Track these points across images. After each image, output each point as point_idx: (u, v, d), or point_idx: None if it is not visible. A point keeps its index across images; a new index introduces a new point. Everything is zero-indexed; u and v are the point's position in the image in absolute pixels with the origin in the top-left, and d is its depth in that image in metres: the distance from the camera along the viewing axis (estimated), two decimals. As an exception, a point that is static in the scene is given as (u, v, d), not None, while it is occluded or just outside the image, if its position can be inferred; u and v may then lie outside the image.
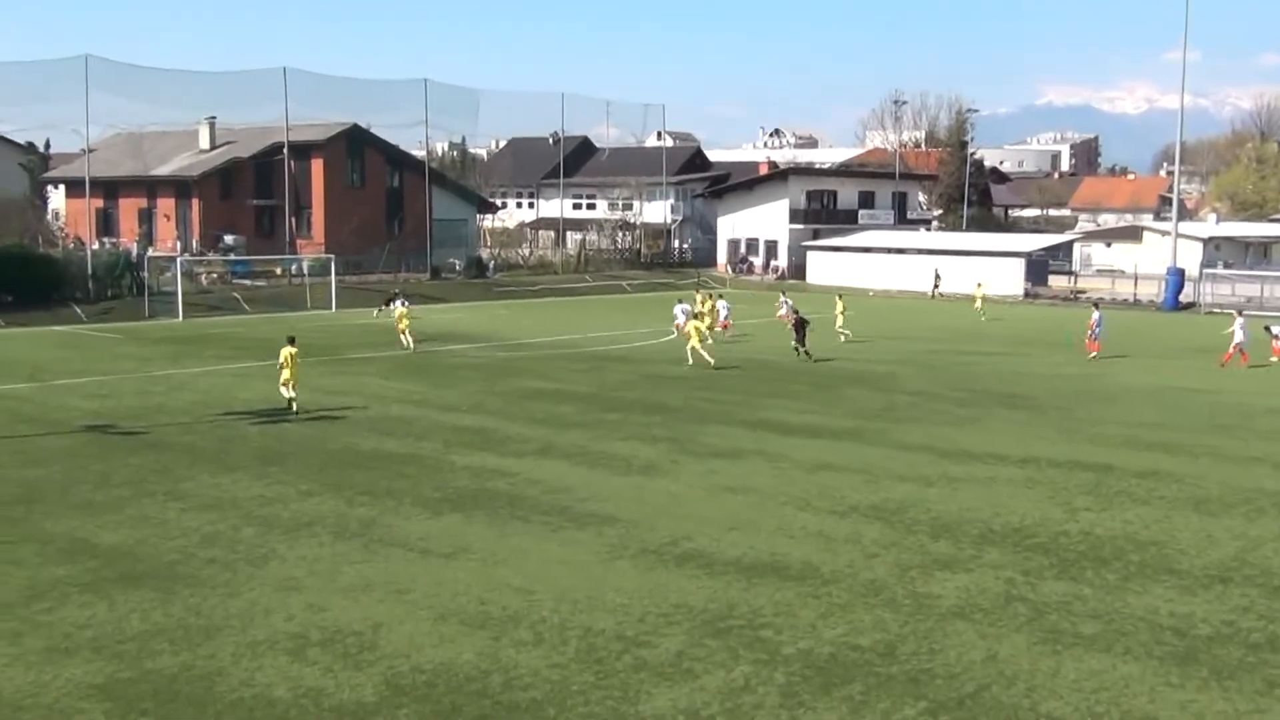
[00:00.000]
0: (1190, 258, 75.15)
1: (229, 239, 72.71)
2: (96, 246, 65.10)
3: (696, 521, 18.84)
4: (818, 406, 30.43)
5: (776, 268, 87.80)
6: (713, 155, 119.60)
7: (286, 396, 29.02)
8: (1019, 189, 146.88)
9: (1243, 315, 42.01)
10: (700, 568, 16.38)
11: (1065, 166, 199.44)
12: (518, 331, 49.48)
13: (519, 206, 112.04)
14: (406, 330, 43.04)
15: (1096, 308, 44.95)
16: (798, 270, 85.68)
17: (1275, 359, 39.97)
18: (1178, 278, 68.13)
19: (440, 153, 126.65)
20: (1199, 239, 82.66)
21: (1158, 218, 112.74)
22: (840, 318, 47.14)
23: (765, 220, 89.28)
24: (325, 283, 61.36)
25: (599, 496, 20.47)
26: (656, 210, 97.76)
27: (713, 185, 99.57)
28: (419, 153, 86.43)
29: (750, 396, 31.98)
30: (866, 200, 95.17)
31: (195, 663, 12.94)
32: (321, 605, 14.75)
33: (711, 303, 49.08)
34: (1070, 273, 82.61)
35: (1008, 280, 75.04)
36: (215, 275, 66.27)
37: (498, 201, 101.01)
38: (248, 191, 76.97)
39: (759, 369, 37.96)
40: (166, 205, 77.41)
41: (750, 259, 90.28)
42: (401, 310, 45.35)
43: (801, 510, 19.67)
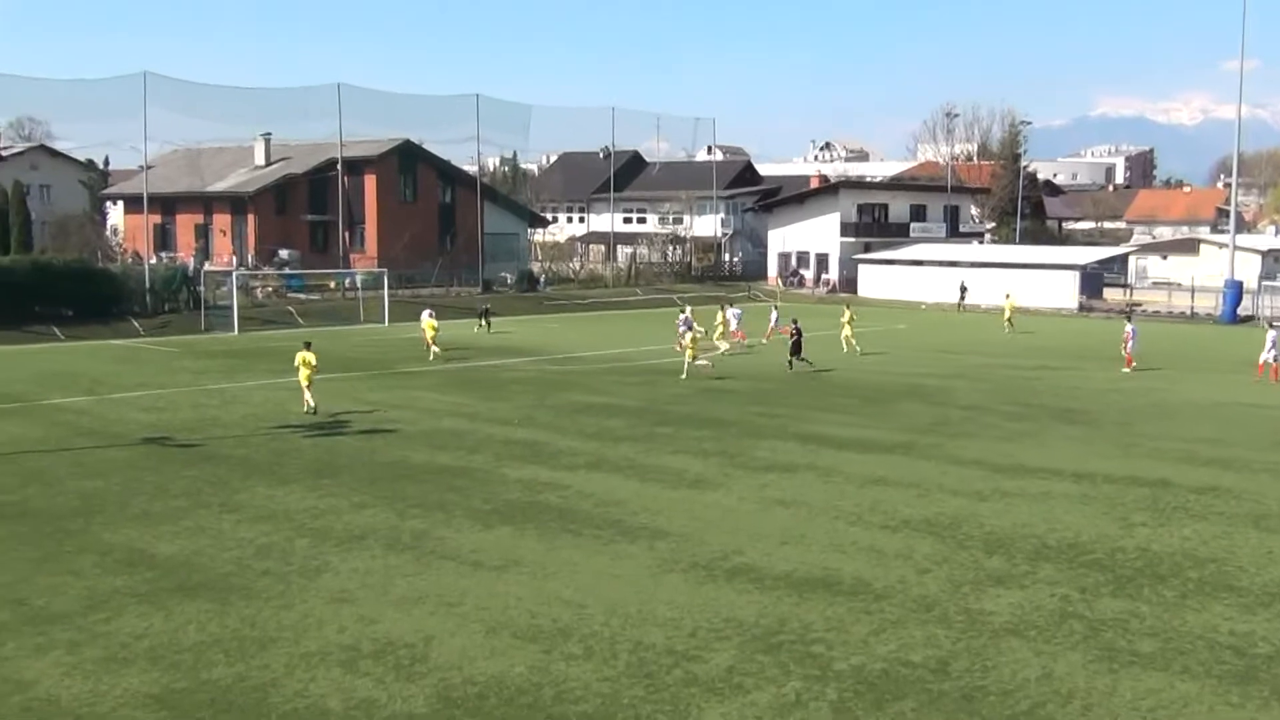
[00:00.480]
0: (1248, 270, 74.15)
1: (284, 253, 73.51)
2: (154, 261, 66.11)
3: (748, 535, 18.77)
4: (870, 420, 30.25)
5: (828, 281, 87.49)
6: (763, 169, 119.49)
7: (307, 401, 30.45)
8: (1073, 202, 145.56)
9: (1274, 328, 41.23)
10: (751, 582, 16.32)
11: (1120, 179, 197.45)
12: (569, 345, 49.61)
13: (570, 221, 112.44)
14: (433, 340, 44.23)
15: (1129, 320, 44.55)
16: (849, 283, 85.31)
17: None
18: (1235, 290, 67.20)
19: (492, 168, 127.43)
20: (1257, 251, 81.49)
21: (1215, 230, 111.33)
22: (847, 327, 46.74)
23: (816, 233, 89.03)
24: (378, 297, 61.78)
25: (650, 510, 20.45)
26: (707, 224, 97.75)
27: (763, 199, 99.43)
28: (471, 168, 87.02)
29: (802, 410, 31.86)
30: (918, 213, 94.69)
31: (249, 674, 13.05)
32: (374, 617, 14.83)
33: (722, 314, 49.79)
34: (1126, 286, 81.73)
35: (1062, 293, 74.34)
36: (270, 289, 67.00)
37: (549, 216, 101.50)
38: (302, 207, 77.81)
39: (810, 383, 37.80)
40: (223, 220, 78.42)
41: (801, 272, 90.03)
42: (429, 321, 46.04)
43: (853, 525, 19.55)
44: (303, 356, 30.91)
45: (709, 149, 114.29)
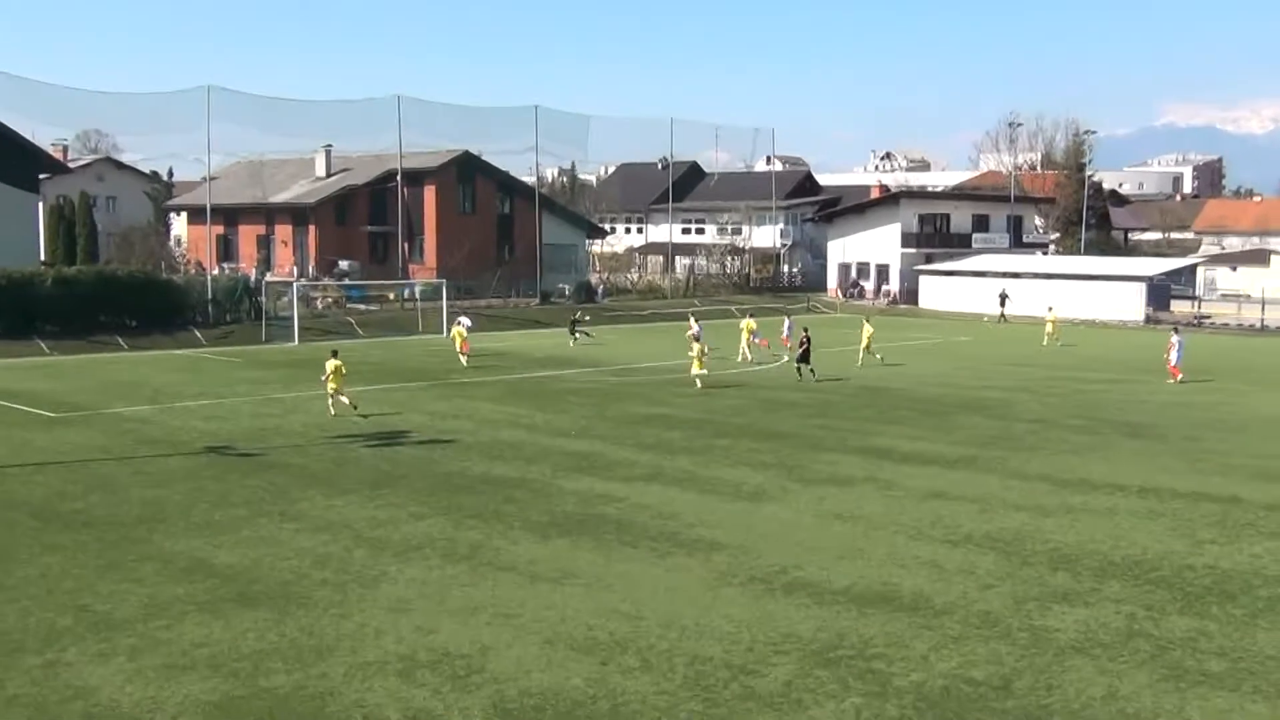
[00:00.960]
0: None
1: (344, 264, 74.24)
2: (216, 272, 66.95)
3: (806, 549, 18.67)
4: (931, 433, 30.02)
5: (888, 292, 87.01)
6: (823, 179, 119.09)
7: (333, 406, 32.04)
8: (1139, 212, 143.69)
9: None
10: (810, 596, 16.22)
11: (1188, 189, 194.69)
12: (626, 356, 49.67)
13: (628, 231, 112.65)
14: (461, 349, 45.24)
15: (1176, 332, 43.98)
16: (910, 295, 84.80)
17: None
18: (1308, 302, 66.03)
19: (550, 178, 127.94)
20: (1331, 262, 80.00)
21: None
22: (865, 339, 46.27)
23: (877, 244, 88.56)
24: (437, 307, 62.17)
25: (707, 522, 20.40)
26: (766, 235, 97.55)
27: (823, 209, 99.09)
28: (529, 179, 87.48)
29: (862, 423, 31.67)
30: (980, 224, 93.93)
31: (308, 682, 13.15)
32: (431, 627, 14.90)
33: (749, 321, 50.09)
34: (1193, 298, 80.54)
35: (1128, 306, 73.43)
36: (330, 300, 67.68)
37: (607, 226, 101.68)
38: (362, 218, 78.56)
39: (871, 395, 37.59)
40: (284, 232, 79.39)
41: (861, 283, 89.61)
42: (459, 330, 46.80)
43: (914, 539, 19.39)
44: (333, 364, 32.44)
45: (768, 159, 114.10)
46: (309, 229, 77.66)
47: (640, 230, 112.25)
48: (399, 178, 73.82)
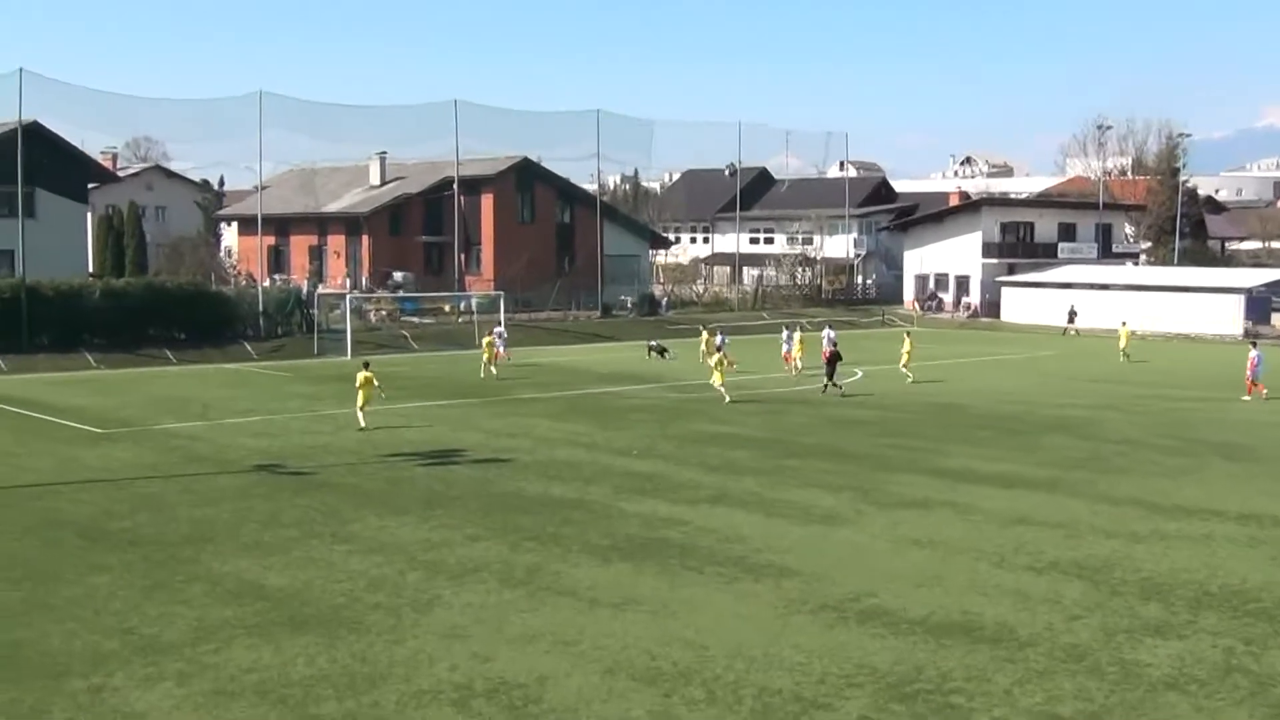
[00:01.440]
0: None
1: (398, 276, 74.88)
2: (267, 283, 67.77)
3: (881, 576, 18.55)
4: (1012, 454, 29.73)
5: (968, 304, 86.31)
6: (899, 186, 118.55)
7: (361, 421, 32.82)
8: (1237, 219, 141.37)
9: None
10: (885, 626, 16.10)
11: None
12: (690, 372, 49.61)
13: (693, 241, 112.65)
14: (490, 360, 46.17)
15: (1254, 346, 43.33)
16: (991, 308, 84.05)
17: None
18: None
19: (612, 186, 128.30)
20: None
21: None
22: (905, 355, 45.86)
23: (956, 254, 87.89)
24: (494, 320, 62.44)
25: (776, 547, 20.32)
26: (838, 244, 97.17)
27: (899, 217, 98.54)
28: (591, 186, 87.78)
29: (939, 443, 31.43)
30: (1067, 233, 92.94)
31: (359, 711, 13.24)
32: (487, 655, 14.95)
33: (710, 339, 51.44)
34: (1296, 310, 79.03)
35: (1224, 319, 72.27)
36: (384, 312, 68.28)
37: (671, 236, 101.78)
38: (417, 227, 79.23)
39: (947, 414, 37.30)
40: (337, 242, 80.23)
41: (940, 296, 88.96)
42: (489, 339, 47.52)
43: (995, 566, 19.20)
44: (363, 376, 33.48)
45: (841, 165, 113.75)
46: (362, 239, 78.43)
47: (706, 240, 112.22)
48: (455, 185, 74.29)
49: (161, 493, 24.85)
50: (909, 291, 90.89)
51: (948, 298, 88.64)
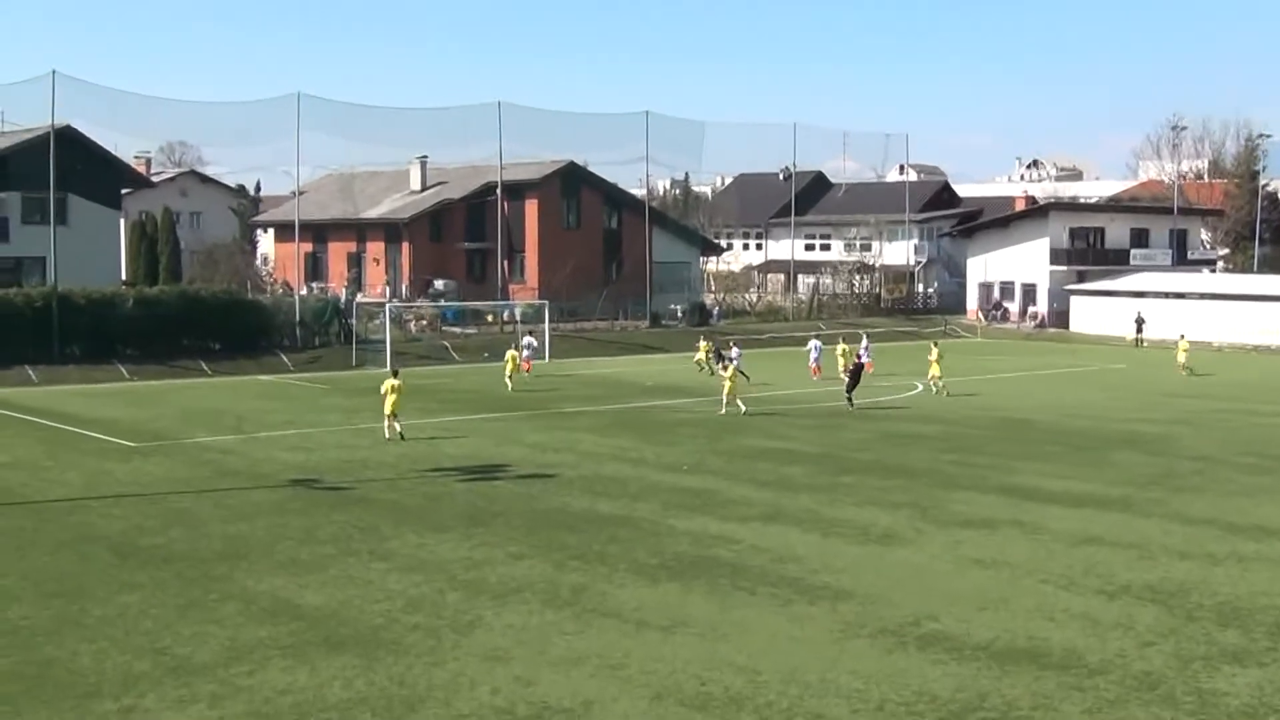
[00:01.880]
0: None
1: (439, 284, 75.25)
2: (305, 292, 68.28)
3: (942, 598, 18.44)
4: (1081, 471, 29.49)
5: (1035, 314, 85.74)
6: (962, 190, 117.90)
7: (388, 429, 33.63)
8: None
9: None
10: (946, 651, 16.01)
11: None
12: (743, 384, 49.47)
13: (745, 248, 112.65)
14: (511, 373, 46.61)
15: None
16: (1059, 317, 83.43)
17: None
18: None
19: (661, 190, 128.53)
20: None
21: None
22: (935, 366, 45.50)
23: (1022, 261, 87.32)
24: (539, 330, 62.65)
25: (832, 568, 20.25)
26: (898, 251, 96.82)
27: (962, 223, 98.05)
28: (639, 191, 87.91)
29: (1003, 459, 31.23)
30: (1139, 239, 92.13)
31: (397, 735, 13.28)
32: (530, 678, 14.98)
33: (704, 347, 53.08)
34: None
35: (1307, 329, 71.37)
36: (424, 322, 68.62)
37: (723, 242, 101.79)
38: (459, 234, 79.66)
39: (1012, 428, 37.07)
40: (376, 249, 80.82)
41: (1005, 305, 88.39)
42: (513, 353, 47.95)
43: (1063, 589, 19.04)
44: (390, 384, 34.06)
45: (901, 168, 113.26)
46: (402, 246, 78.95)
47: (759, 246, 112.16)
48: (499, 190, 74.65)
49: (194, 508, 25.09)
50: (972, 300, 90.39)
51: (1013, 307, 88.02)
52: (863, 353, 51.39)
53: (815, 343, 53.58)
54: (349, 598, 18.46)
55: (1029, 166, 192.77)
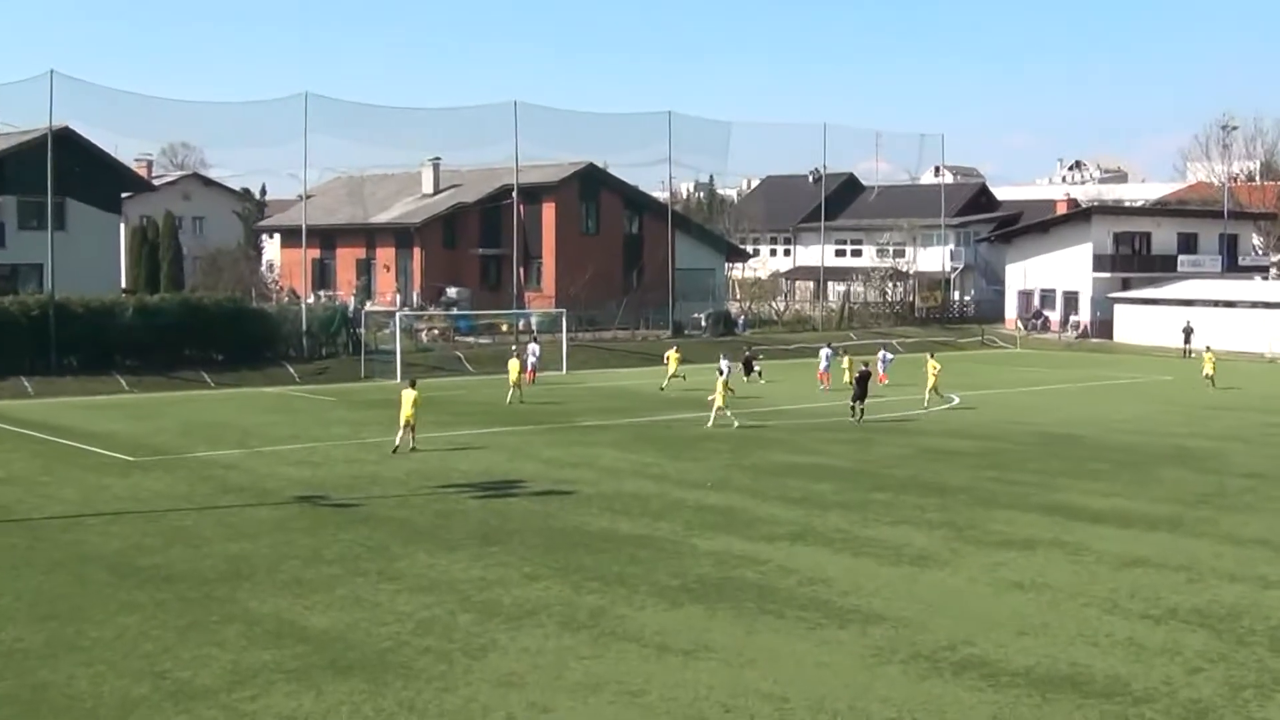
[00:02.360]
0: None
1: (452, 292, 75.36)
2: (312, 300, 68.42)
3: (979, 622, 18.38)
4: (1127, 489, 29.39)
5: (1077, 323, 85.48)
6: (1001, 192, 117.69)
7: (402, 440, 34.09)
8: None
9: None
10: (983, 678, 15.96)
11: None
12: (770, 397, 49.53)
13: (773, 254, 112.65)
14: (515, 382, 46.57)
15: None
16: (1103, 327, 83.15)
17: None
18: None
19: (685, 194, 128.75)
20: None
21: None
22: (931, 379, 45.30)
23: (1063, 268, 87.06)
24: (556, 340, 62.64)
25: (863, 590, 20.21)
26: (933, 257, 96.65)
27: (1001, 227, 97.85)
28: (661, 194, 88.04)
29: (1045, 476, 31.14)
30: (1187, 244, 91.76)
31: (406, 764, 13.29)
32: (545, 705, 14.98)
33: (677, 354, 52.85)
34: None
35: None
36: (436, 331, 68.73)
37: (749, 248, 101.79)
38: (473, 239, 79.82)
39: (1054, 443, 36.95)
40: (386, 255, 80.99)
41: (1045, 313, 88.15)
42: (515, 362, 47.75)
43: (1108, 613, 18.97)
44: (410, 395, 34.36)
45: (936, 170, 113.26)
46: (414, 252, 79.12)
47: (787, 253, 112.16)
48: (514, 194, 74.66)
49: (196, 526, 25.17)
50: (1011, 309, 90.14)
51: (1054, 316, 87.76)
52: (880, 364, 51.37)
53: (826, 350, 53.59)
54: (356, 620, 18.49)
55: (1071, 168, 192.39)
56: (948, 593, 20.19)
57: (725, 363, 47.21)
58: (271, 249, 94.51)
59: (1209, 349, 58.09)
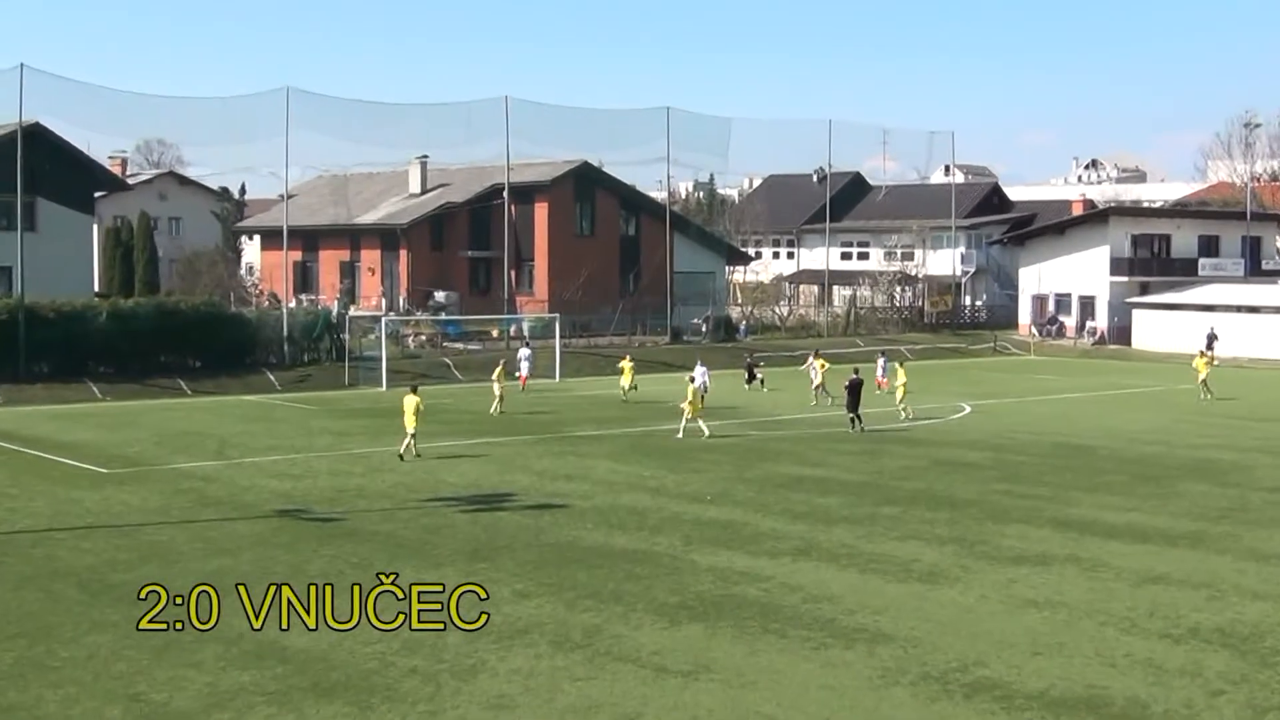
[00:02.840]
0: None
1: (440, 296, 75.42)
2: (293, 304, 68.46)
3: (991, 642, 18.40)
4: (1145, 503, 29.42)
5: (1094, 329, 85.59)
6: (1014, 193, 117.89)
7: (406, 449, 34.64)
8: None
9: None
10: (996, 700, 15.97)
11: None
12: (773, 406, 49.55)
13: (776, 256, 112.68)
14: (500, 393, 46.52)
15: None
16: (1121, 333, 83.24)
17: None
18: None
19: (684, 194, 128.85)
20: None
21: None
22: (900, 390, 45.15)
23: (1079, 271, 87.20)
24: (548, 347, 62.65)
25: (870, 608, 20.22)
26: (943, 260, 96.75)
27: (1014, 229, 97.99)
28: (659, 194, 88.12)
29: (1059, 489, 31.16)
30: (1209, 246, 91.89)
31: (391, 791, 13.29)
32: (537, 729, 14.97)
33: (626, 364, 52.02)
34: None
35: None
36: (424, 337, 68.77)
37: (751, 251, 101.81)
38: (462, 241, 79.89)
39: (1070, 455, 36.97)
40: (371, 257, 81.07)
41: (1061, 319, 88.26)
42: (500, 370, 47.88)
43: (1125, 632, 18.99)
44: (412, 401, 34.97)
45: (946, 169, 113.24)
46: (400, 254, 79.18)
47: (791, 255, 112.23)
48: (505, 194, 74.70)
49: (172, 540, 25.15)
50: (1025, 314, 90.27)
51: (1070, 321, 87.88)
52: (879, 370, 51.52)
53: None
54: (339, 640, 18.48)
55: (1087, 167, 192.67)
56: (959, 611, 20.20)
57: (700, 370, 47.16)
58: (251, 251, 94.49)
59: (1201, 354, 57.23)
